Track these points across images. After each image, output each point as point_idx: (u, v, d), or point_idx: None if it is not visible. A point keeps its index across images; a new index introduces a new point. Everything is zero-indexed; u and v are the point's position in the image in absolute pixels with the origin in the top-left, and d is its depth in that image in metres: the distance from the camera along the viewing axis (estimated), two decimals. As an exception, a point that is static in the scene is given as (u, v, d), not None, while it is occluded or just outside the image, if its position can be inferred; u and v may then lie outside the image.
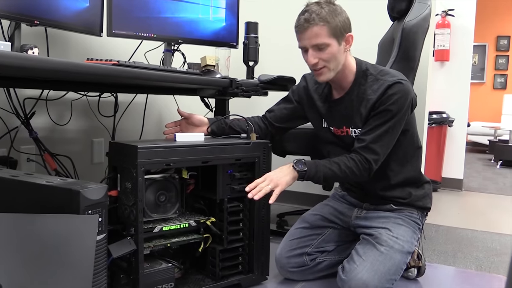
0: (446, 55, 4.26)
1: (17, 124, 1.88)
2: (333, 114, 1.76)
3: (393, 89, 1.59)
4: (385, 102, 1.60)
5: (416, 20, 2.01)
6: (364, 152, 1.62)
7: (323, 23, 1.54)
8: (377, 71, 1.67)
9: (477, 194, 4.18)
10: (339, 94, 1.74)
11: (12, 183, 1.21)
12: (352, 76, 1.68)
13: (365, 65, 1.69)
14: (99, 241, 1.13)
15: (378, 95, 1.61)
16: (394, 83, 1.59)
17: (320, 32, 1.54)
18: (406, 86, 1.61)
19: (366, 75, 1.67)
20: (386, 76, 1.64)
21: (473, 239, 2.59)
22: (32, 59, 1.22)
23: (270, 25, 2.95)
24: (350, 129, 1.71)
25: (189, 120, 1.83)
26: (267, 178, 1.57)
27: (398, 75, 1.64)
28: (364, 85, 1.66)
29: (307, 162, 1.62)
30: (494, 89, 8.40)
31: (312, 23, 1.54)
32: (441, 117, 4.14)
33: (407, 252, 1.66)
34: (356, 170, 1.61)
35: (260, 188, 1.53)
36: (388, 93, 1.59)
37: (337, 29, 1.56)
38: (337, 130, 1.76)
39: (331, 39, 1.56)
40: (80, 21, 1.80)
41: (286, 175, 1.59)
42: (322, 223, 1.88)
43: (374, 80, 1.64)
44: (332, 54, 1.58)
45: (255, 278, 1.77)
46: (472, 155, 7.34)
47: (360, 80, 1.67)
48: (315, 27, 1.54)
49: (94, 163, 2.36)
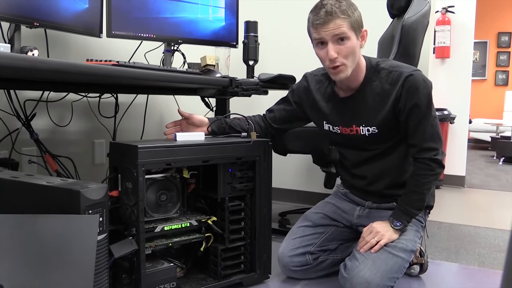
0: (446, 52, 4.25)
1: (18, 126, 1.89)
2: (340, 113, 1.74)
3: (413, 81, 1.58)
4: (410, 99, 1.58)
5: (416, 17, 2.00)
6: (423, 155, 1.62)
7: (345, 16, 1.52)
8: (388, 64, 1.65)
9: (480, 191, 4.17)
10: (346, 93, 1.71)
11: (13, 184, 1.22)
12: (362, 74, 1.66)
13: (374, 60, 1.67)
14: (100, 241, 1.13)
15: (398, 88, 1.59)
16: (411, 74, 1.58)
17: (342, 24, 1.52)
18: (421, 76, 1.60)
19: (378, 70, 1.65)
20: (399, 67, 1.62)
21: (475, 236, 2.59)
22: (32, 60, 1.22)
23: (269, 24, 2.95)
24: (360, 127, 1.68)
25: (190, 120, 1.83)
26: (373, 230, 1.66)
27: (410, 66, 1.63)
28: (376, 81, 1.64)
29: (398, 215, 1.66)
30: (496, 86, 8.39)
31: (334, 15, 1.51)
32: (442, 114, 4.13)
33: (411, 251, 1.66)
34: (433, 177, 1.64)
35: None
36: (408, 86, 1.58)
37: (356, 23, 1.55)
38: (344, 129, 1.73)
39: (351, 32, 1.54)
40: (80, 22, 1.80)
41: (389, 231, 1.65)
42: (324, 221, 1.88)
43: (388, 73, 1.62)
44: (351, 48, 1.55)
45: (257, 277, 1.77)
46: (474, 152, 7.33)
47: (371, 76, 1.65)
48: (338, 20, 1.52)
49: (95, 164, 2.37)
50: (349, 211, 1.87)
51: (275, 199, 2.93)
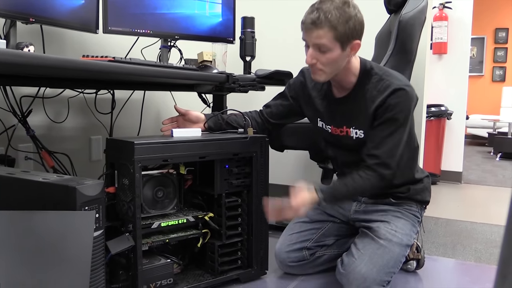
0: (444, 48, 4.25)
1: (14, 122, 1.88)
2: (333, 113, 1.73)
3: (399, 95, 1.54)
4: (391, 109, 1.55)
5: (413, 13, 2.00)
6: (379, 168, 1.57)
7: (329, 29, 1.46)
8: (382, 71, 1.61)
9: (477, 187, 4.18)
10: (340, 93, 1.69)
11: (8, 180, 1.21)
12: (354, 76, 1.63)
13: (369, 64, 1.63)
14: (97, 237, 1.13)
15: (384, 97, 1.55)
16: (400, 88, 1.54)
17: (324, 35, 1.47)
18: (411, 93, 1.57)
19: (371, 75, 1.61)
20: (392, 78, 1.58)
21: (472, 231, 2.60)
22: (28, 56, 1.22)
23: (266, 20, 2.94)
24: (350, 129, 1.67)
25: (186, 116, 1.82)
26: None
27: (403, 79, 1.60)
28: (368, 85, 1.61)
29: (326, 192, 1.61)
30: (493, 82, 8.39)
31: (319, 26, 1.46)
32: (439, 110, 4.13)
33: (406, 245, 1.67)
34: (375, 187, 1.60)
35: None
36: (394, 98, 1.54)
37: (344, 35, 1.47)
38: (335, 129, 1.72)
39: (335, 44, 1.48)
40: (76, 18, 1.80)
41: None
42: (321, 217, 1.88)
43: (379, 80, 1.59)
44: (332, 59, 1.51)
45: (254, 272, 1.77)
46: (471, 148, 7.34)
47: (364, 80, 1.62)
48: (320, 31, 1.47)
49: (92, 161, 2.36)
50: (346, 206, 1.87)
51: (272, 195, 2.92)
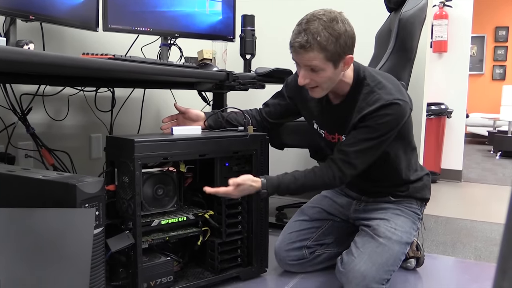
0: (444, 46, 4.25)
1: (14, 120, 1.88)
2: (327, 119, 1.70)
3: (389, 109, 1.49)
4: (377, 119, 1.51)
5: (413, 11, 2.00)
6: (343, 165, 1.55)
7: (319, 51, 1.42)
8: (375, 82, 1.55)
9: (476, 185, 4.18)
10: (335, 100, 1.66)
11: (8, 178, 1.21)
12: (348, 84, 1.59)
13: (363, 72, 1.58)
14: (97, 235, 1.13)
15: (371, 110, 1.51)
16: (391, 103, 1.49)
17: (315, 58, 1.43)
18: (402, 108, 1.51)
19: (363, 85, 1.56)
20: (383, 91, 1.52)
21: (472, 229, 2.60)
22: (27, 53, 1.22)
23: (266, 18, 2.94)
24: (342, 136, 1.64)
25: (186, 114, 1.82)
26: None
27: (395, 93, 1.52)
28: (359, 95, 1.57)
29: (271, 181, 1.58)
30: (493, 80, 8.39)
31: (308, 49, 1.42)
32: (439, 108, 4.13)
33: (406, 243, 1.67)
34: (328, 180, 1.57)
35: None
36: (382, 111, 1.50)
37: (336, 54, 1.44)
38: (328, 135, 1.71)
39: (327, 64, 1.45)
40: (76, 16, 1.79)
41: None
42: (321, 215, 1.88)
43: (369, 92, 1.54)
44: (325, 78, 1.49)
45: (254, 270, 1.77)
46: (471, 146, 7.34)
47: (356, 88, 1.58)
48: (311, 53, 1.43)
49: (92, 159, 2.36)
50: (345, 205, 1.87)
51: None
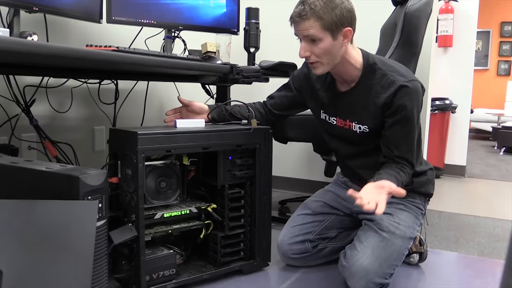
0: (449, 41, 4.22)
1: (17, 112, 1.88)
2: (337, 106, 1.72)
3: (406, 93, 1.54)
4: (402, 109, 1.55)
5: (419, 5, 1.98)
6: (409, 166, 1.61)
7: (315, 19, 1.48)
8: (386, 66, 1.60)
9: (480, 181, 4.17)
10: (344, 87, 1.68)
11: (11, 169, 1.21)
12: (357, 70, 1.62)
13: (372, 58, 1.62)
14: (99, 227, 1.13)
15: (389, 94, 1.55)
16: (405, 85, 1.54)
17: (311, 26, 1.49)
18: (416, 87, 1.56)
19: (374, 70, 1.60)
20: (396, 73, 1.57)
21: (475, 225, 2.59)
22: (31, 44, 1.21)
23: (271, 11, 2.92)
24: (353, 123, 1.67)
25: (189, 107, 1.82)
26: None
27: (407, 73, 1.58)
28: (372, 80, 1.60)
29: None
30: (498, 76, 8.35)
31: (304, 17, 1.48)
32: (444, 103, 4.11)
33: (409, 238, 1.66)
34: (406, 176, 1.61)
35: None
36: (401, 97, 1.54)
37: (332, 24, 1.49)
38: (341, 121, 1.72)
39: (324, 33, 1.50)
40: (80, 7, 1.79)
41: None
42: (324, 209, 1.88)
43: (383, 75, 1.58)
44: (324, 49, 1.52)
45: (256, 264, 1.77)
46: (475, 141, 7.32)
47: (368, 74, 1.61)
48: (307, 22, 1.49)
49: (95, 151, 2.36)
50: (348, 199, 1.86)
51: (275, 187, 2.93)
